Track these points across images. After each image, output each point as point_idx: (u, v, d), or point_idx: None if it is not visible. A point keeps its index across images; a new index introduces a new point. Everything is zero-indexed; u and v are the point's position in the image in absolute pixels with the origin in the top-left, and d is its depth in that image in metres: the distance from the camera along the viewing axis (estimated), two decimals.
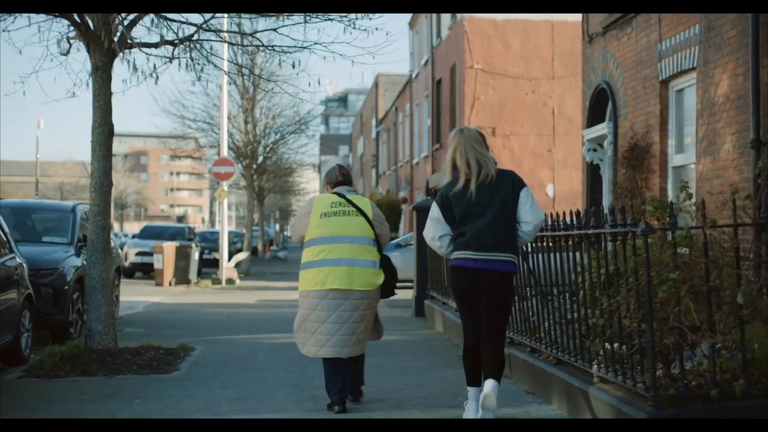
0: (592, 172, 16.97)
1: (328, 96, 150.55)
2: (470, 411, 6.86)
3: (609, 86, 15.51)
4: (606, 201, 16.56)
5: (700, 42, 11.45)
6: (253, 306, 19.99)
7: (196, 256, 28.81)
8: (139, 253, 31.07)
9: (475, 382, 6.87)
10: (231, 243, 44.72)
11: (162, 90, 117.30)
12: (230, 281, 28.25)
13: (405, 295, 24.12)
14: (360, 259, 7.57)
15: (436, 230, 6.90)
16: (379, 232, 7.74)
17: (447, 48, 33.28)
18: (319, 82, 12.75)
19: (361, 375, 7.99)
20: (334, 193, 7.83)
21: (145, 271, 30.42)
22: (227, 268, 28.74)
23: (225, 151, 29.17)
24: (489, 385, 6.62)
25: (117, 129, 10.96)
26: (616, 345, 6.65)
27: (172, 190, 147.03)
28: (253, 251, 42.99)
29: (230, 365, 10.36)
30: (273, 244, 62.48)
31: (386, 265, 7.79)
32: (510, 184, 6.82)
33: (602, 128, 15.93)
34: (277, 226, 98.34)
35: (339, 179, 7.94)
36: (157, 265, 27.53)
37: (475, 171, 6.77)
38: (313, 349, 7.60)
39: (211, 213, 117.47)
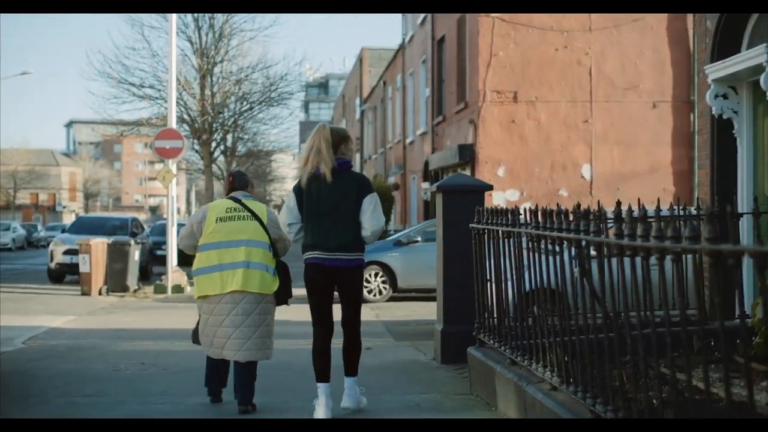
0: (719, 132, 10.79)
1: (308, 81, 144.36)
2: (320, 408, 7.26)
3: None
4: (744, 178, 10.48)
5: None
6: None
7: (136, 255, 22.52)
8: (67, 252, 24.54)
9: (325, 378, 7.36)
10: None
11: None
12: (178, 288, 21.92)
13: (411, 311, 17.97)
14: (255, 262, 7.62)
15: (288, 218, 7.39)
16: (274, 236, 7.77)
17: None
18: None
19: (249, 386, 7.71)
20: (230, 198, 7.92)
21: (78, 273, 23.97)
22: (174, 271, 22.39)
23: (173, 122, 22.73)
24: (348, 391, 7.50)
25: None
26: None
27: (147, 179, 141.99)
28: None
29: None
30: None
31: (282, 271, 7.81)
32: (357, 189, 7.27)
33: (750, 57, 9.79)
34: None
35: (234, 185, 8.04)
36: (83, 268, 21.41)
37: (330, 169, 7.21)
38: (216, 351, 7.69)
39: (188, 203, 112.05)
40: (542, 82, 23.78)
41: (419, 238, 20.13)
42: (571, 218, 5.69)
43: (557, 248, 5.91)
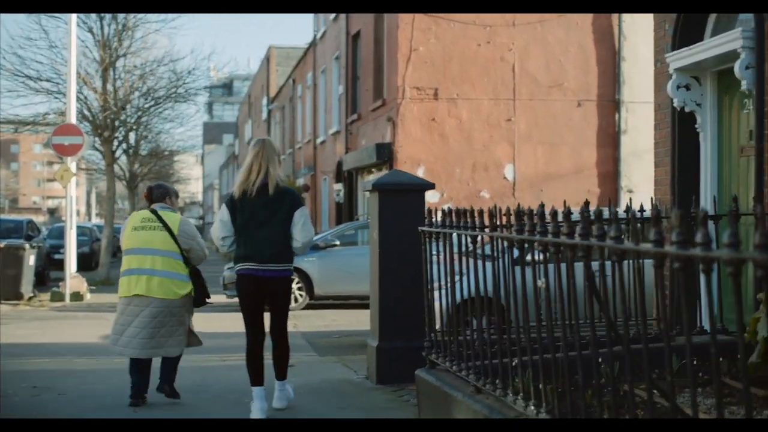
0: (681, 127, 9.88)
1: (212, 82, 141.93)
2: (256, 410, 7.48)
3: None
4: (708, 176, 9.62)
5: None
6: (94, 350, 12.33)
7: (32, 260, 20.92)
8: None
9: (259, 382, 7.56)
10: (93, 240, 36.60)
11: None
12: (77, 296, 20.42)
13: (331, 320, 16.78)
14: (160, 270, 8.16)
15: (222, 231, 7.65)
16: (186, 247, 8.29)
17: None
18: None
19: (168, 373, 8.36)
20: (149, 209, 8.45)
21: None
22: (73, 277, 20.86)
23: (72, 117, 21.18)
24: (278, 394, 7.85)
25: None
26: None
27: (45, 180, 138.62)
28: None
29: None
30: None
31: (195, 277, 8.35)
32: (289, 203, 7.60)
33: (720, 43, 8.91)
34: None
35: (152, 199, 8.54)
36: None
37: (261, 182, 7.52)
38: (119, 349, 8.30)
39: (88, 205, 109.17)
40: (464, 78, 22.84)
41: (338, 242, 18.98)
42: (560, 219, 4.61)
43: (555, 255, 4.80)
